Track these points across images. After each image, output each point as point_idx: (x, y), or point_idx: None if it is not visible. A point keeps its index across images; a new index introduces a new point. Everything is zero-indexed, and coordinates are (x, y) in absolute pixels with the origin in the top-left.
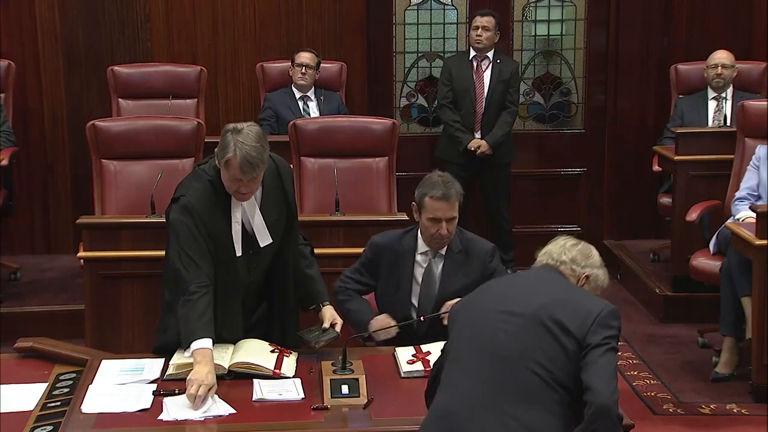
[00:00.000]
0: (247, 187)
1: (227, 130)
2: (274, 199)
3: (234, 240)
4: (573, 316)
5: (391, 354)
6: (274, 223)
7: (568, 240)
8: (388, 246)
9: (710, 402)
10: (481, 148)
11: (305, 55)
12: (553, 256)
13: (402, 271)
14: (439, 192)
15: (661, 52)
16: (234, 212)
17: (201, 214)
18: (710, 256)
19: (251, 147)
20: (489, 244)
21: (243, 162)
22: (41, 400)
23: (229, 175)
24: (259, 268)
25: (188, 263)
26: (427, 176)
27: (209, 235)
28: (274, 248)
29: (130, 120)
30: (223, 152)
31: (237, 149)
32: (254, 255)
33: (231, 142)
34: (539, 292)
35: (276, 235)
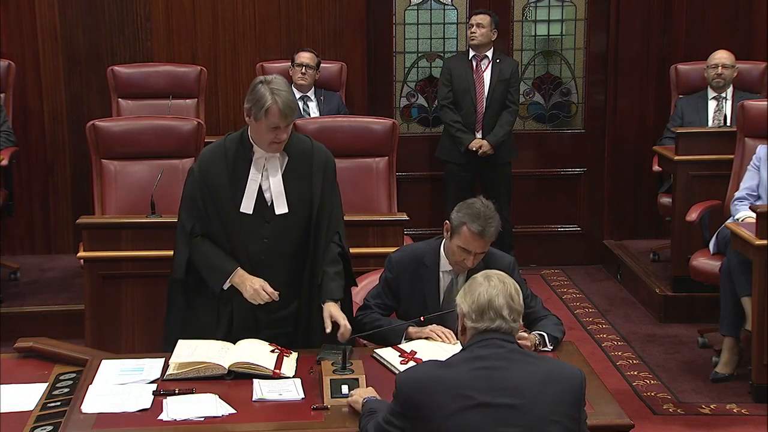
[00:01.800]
0: (285, 133)
1: (257, 83)
2: (298, 174)
3: (246, 196)
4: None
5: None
6: (295, 197)
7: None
8: (408, 263)
9: (710, 402)
10: (483, 148)
11: (305, 55)
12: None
13: (427, 288)
14: (479, 228)
15: (661, 52)
16: (253, 172)
17: (212, 164)
18: (710, 256)
19: (287, 92)
20: (508, 258)
21: (285, 106)
22: (41, 400)
23: (267, 124)
24: (271, 244)
25: (184, 210)
26: (471, 201)
27: (217, 188)
28: (294, 230)
29: (130, 120)
30: (259, 103)
31: (275, 96)
32: (269, 224)
33: (266, 91)
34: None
35: (295, 211)
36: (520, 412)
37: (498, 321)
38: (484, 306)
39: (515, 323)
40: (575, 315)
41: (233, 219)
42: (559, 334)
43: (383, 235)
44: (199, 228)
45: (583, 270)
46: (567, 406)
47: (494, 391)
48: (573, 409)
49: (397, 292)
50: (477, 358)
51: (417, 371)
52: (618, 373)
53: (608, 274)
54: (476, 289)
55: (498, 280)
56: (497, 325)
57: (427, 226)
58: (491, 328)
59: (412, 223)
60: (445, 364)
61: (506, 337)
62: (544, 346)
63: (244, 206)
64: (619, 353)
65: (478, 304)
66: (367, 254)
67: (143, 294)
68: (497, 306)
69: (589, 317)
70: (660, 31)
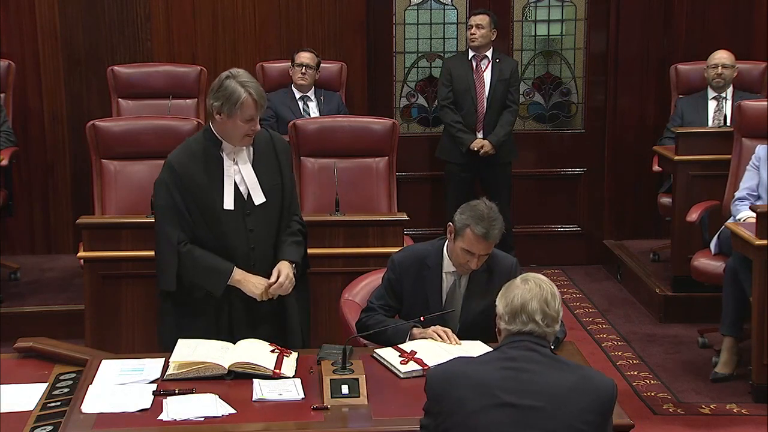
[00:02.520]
0: (257, 124)
1: (224, 79)
2: (266, 163)
3: (225, 192)
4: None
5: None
6: (269, 187)
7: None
8: (411, 263)
9: (710, 402)
10: (485, 148)
11: (305, 55)
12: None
13: (429, 289)
14: (482, 230)
15: (661, 52)
16: (227, 167)
17: (185, 166)
18: (712, 257)
19: (255, 82)
20: (510, 260)
21: (259, 97)
22: (41, 400)
23: (242, 117)
24: (257, 234)
25: (163, 219)
26: (474, 203)
27: (196, 188)
28: (275, 217)
29: (130, 120)
30: (232, 98)
31: (247, 88)
32: (250, 215)
33: (236, 85)
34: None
35: (271, 198)
36: (544, 416)
37: (530, 325)
38: (517, 309)
39: (549, 328)
40: (575, 315)
41: (217, 217)
42: (560, 335)
43: (383, 235)
44: (185, 235)
45: (583, 270)
46: (594, 415)
47: (520, 393)
48: (600, 419)
49: (400, 292)
50: (507, 359)
51: (447, 366)
52: (618, 373)
53: (608, 274)
54: (512, 291)
55: (534, 283)
56: (529, 328)
57: (427, 226)
58: (523, 331)
59: (412, 223)
60: (474, 361)
61: (539, 341)
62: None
63: (227, 203)
64: (619, 353)
65: (512, 306)
66: (367, 254)
67: (143, 294)
68: (530, 310)
69: (589, 317)
70: (660, 31)
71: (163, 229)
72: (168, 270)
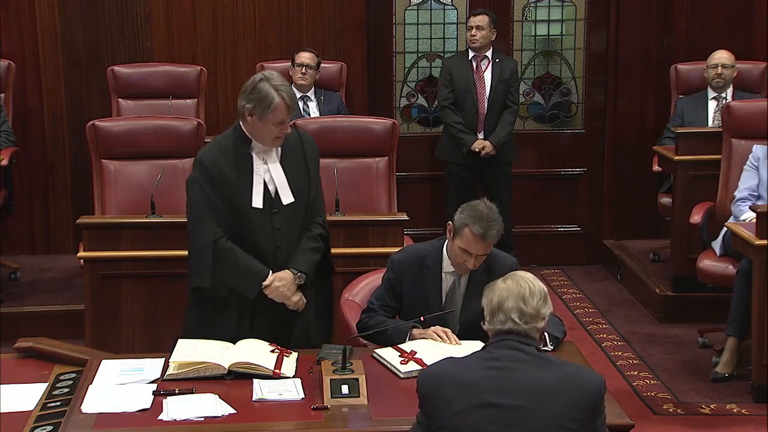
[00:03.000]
0: (288, 126)
1: (258, 81)
2: (294, 162)
3: (254, 190)
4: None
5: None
6: (297, 186)
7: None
8: (411, 263)
9: (710, 402)
10: (486, 149)
11: (305, 55)
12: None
13: (429, 289)
14: (480, 230)
15: (661, 52)
16: (256, 166)
17: (216, 163)
18: (717, 258)
19: (288, 86)
20: (510, 260)
21: (291, 101)
22: (41, 400)
23: (274, 120)
24: (284, 233)
25: (199, 216)
26: (474, 203)
27: (226, 185)
28: (301, 219)
29: (130, 120)
30: (265, 101)
31: (280, 92)
32: (277, 214)
33: (270, 88)
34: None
35: (299, 197)
36: (525, 415)
37: (508, 324)
38: (495, 308)
39: (528, 326)
40: (575, 315)
41: (245, 214)
42: (559, 335)
43: (383, 235)
44: (221, 230)
45: (583, 270)
46: (580, 412)
47: (502, 392)
48: (586, 416)
49: (400, 292)
50: (491, 359)
51: (435, 366)
52: (618, 373)
53: (608, 274)
54: (493, 291)
55: (513, 281)
56: (508, 327)
57: (427, 226)
58: (504, 330)
59: (412, 223)
60: (461, 361)
61: (523, 339)
62: (545, 345)
63: (255, 201)
64: (619, 353)
65: (491, 306)
66: (367, 254)
67: (143, 294)
68: (506, 309)
69: (589, 317)
70: (660, 31)
71: (198, 225)
72: (202, 267)
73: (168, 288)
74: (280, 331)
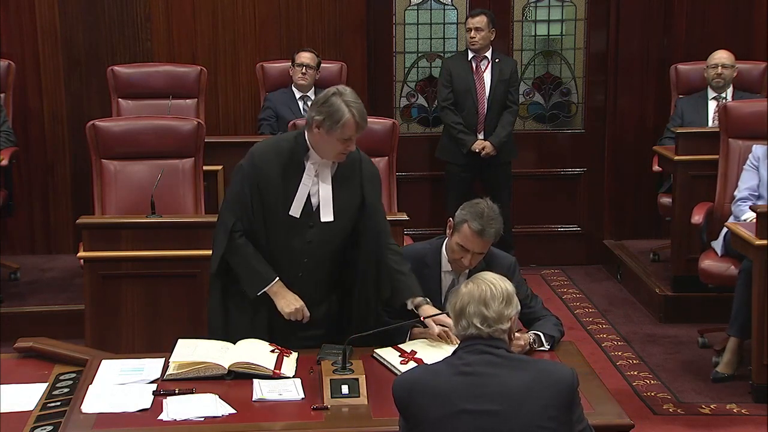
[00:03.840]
0: (354, 144)
1: (330, 95)
2: (346, 183)
3: (296, 199)
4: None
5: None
6: (341, 205)
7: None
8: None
9: (710, 402)
10: (486, 149)
11: (305, 55)
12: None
13: (429, 288)
14: (479, 227)
15: (661, 52)
16: (306, 176)
17: (267, 162)
18: (719, 259)
19: (360, 103)
20: (509, 259)
21: (361, 119)
22: (41, 400)
23: (341, 136)
24: (314, 248)
25: (227, 205)
26: (476, 201)
27: (269, 186)
28: (339, 236)
29: (130, 120)
30: (335, 116)
31: (351, 108)
32: (312, 228)
33: (341, 103)
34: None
35: (340, 219)
36: (502, 419)
37: (471, 329)
38: (458, 313)
39: (492, 329)
40: (575, 315)
41: (279, 220)
42: (556, 334)
43: None
44: (241, 225)
45: (583, 270)
46: (556, 409)
47: (476, 398)
48: (563, 412)
49: None
50: (462, 364)
51: (408, 375)
52: (618, 373)
53: (608, 274)
54: (456, 295)
55: (475, 285)
56: (471, 332)
57: (427, 226)
58: (467, 335)
59: (412, 223)
60: (431, 369)
61: (492, 342)
62: (541, 345)
63: (294, 210)
64: (619, 353)
65: (454, 312)
66: None
67: (143, 294)
68: (468, 314)
69: (589, 317)
70: (660, 31)
71: (225, 212)
72: (216, 252)
73: (168, 288)
74: (304, 334)
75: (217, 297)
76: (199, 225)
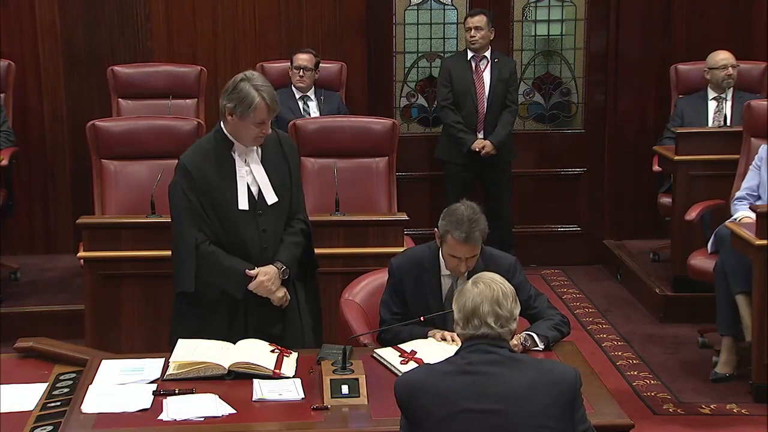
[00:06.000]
0: (269, 126)
1: (239, 81)
2: (275, 162)
3: (239, 192)
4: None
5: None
6: (279, 186)
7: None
8: (410, 267)
9: (710, 402)
10: (486, 149)
11: (303, 56)
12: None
13: (429, 292)
14: (462, 234)
15: (661, 52)
16: (239, 168)
17: (199, 167)
18: (707, 256)
19: (269, 86)
20: (509, 259)
21: (271, 101)
22: (41, 400)
23: (254, 120)
24: (269, 234)
25: (181, 221)
26: (453, 207)
27: (210, 189)
28: (285, 215)
29: (130, 120)
30: (246, 101)
31: (261, 92)
32: (262, 216)
33: (250, 88)
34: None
35: (282, 197)
36: (505, 418)
37: (483, 328)
38: (469, 313)
39: (503, 329)
40: (575, 315)
41: (231, 217)
42: (551, 333)
43: (383, 235)
44: (203, 235)
45: (583, 270)
46: (558, 408)
47: (479, 397)
48: (565, 411)
49: (403, 295)
50: (465, 364)
51: (410, 375)
52: (618, 373)
53: (608, 274)
54: (464, 295)
55: (485, 285)
56: (482, 332)
57: (427, 226)
58: (476, 335)
59: (412, 223)
60: (434, 369)
61: (496, 343)
62: (535, 345)
63: (241, 203)
64: (619, 353)
65: (464, 311)
66: (367, 254)
67: (143, 294)
68: (482, 313)
69: (589, 317)
70: (660, 31)
71: (181, 230)
72: (186, 271)
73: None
74: (272, 331)
75: (190, 314)
76: None
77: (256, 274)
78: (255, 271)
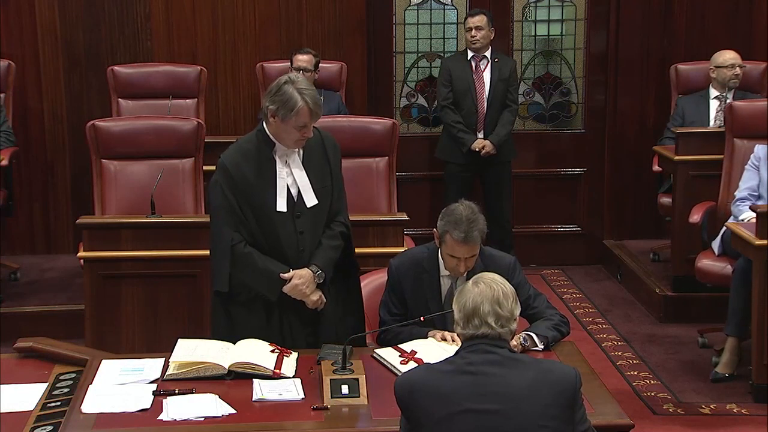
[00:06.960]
0: (311, 130)
1: (282, 83)
2: (317, 163)
3: (278, 194)
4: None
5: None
6: (319, 188)
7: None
8: (408, 268)
9: (710, 402)
10: (486, 148)
11: (302, 58)
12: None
13: (429, 293)
14: (461, 234)
15: (661, 52)
16: (279, 169)
17: (239, 167)
18: (716, 258)
19: (313, 90)
20: (509, 259)
21: (314, 105)
22: (41, 400)
23: (296, 123)
24: (307, 236)
25: (219, 221)
26: (452, 207)
27: (248, 189)
28: (325, 218)
29: (130, 120)
30: (288, 104)
31: (304, 96)
32: (301, 218)
33: (294, 91)
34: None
35: (323, 200)
36: (505, 418)
37: (483, 328)
38: (470, 313)
39: (504, 329)
40: (575, 315)
41: (269, 218)
42: (550, 333)
43: (383, 235)
44: (240, 235)
45: (583, 270)
46: (558, 408)
47: (479, 397)
48: (565, 411)
49: (402, 296)
50: (465, 364)
51: (410, 375)
52: (618, 373)
53: (608, 274)
54: (464, 295)
55: (486, 285)
56: (482, 332)
57: (427, 226)
58: (477, 335)
59: (412, 223)
60: (434, 369)
61: (496, 342)
62: (534, 346)
63: (279, 205)
64: (619, 353)
65: (464, 311)
66: (367, 254)
67: (143, 294)
68: (482, 313)
69: (589, 317)
70: (660, 31)
71: (218, 229)
72: (221, 271)
73: (168, 288)
74: (308, 332)
75: (223, 315)
76: (199, 225)
77: (291, 276)
78: (290, 274)
